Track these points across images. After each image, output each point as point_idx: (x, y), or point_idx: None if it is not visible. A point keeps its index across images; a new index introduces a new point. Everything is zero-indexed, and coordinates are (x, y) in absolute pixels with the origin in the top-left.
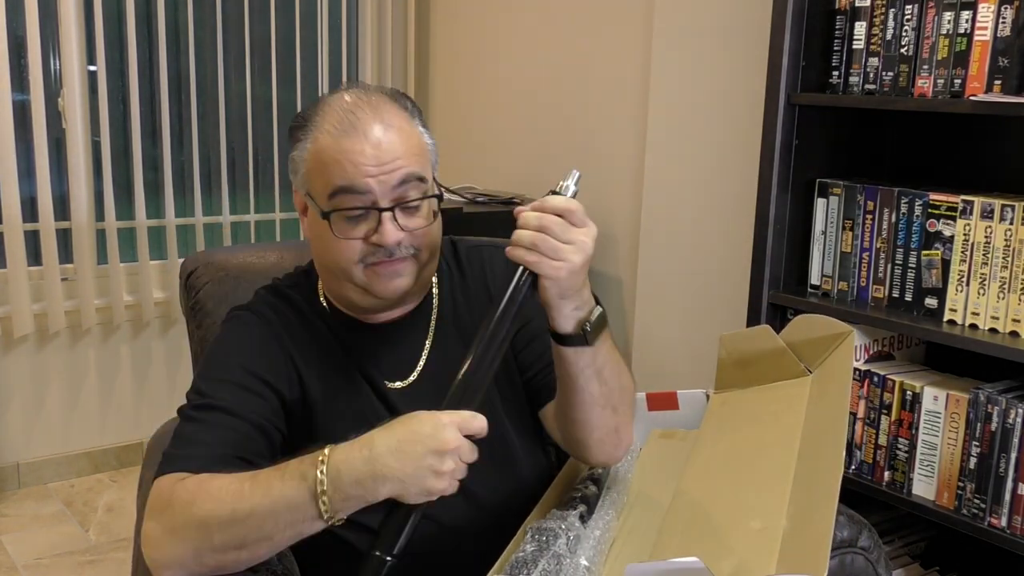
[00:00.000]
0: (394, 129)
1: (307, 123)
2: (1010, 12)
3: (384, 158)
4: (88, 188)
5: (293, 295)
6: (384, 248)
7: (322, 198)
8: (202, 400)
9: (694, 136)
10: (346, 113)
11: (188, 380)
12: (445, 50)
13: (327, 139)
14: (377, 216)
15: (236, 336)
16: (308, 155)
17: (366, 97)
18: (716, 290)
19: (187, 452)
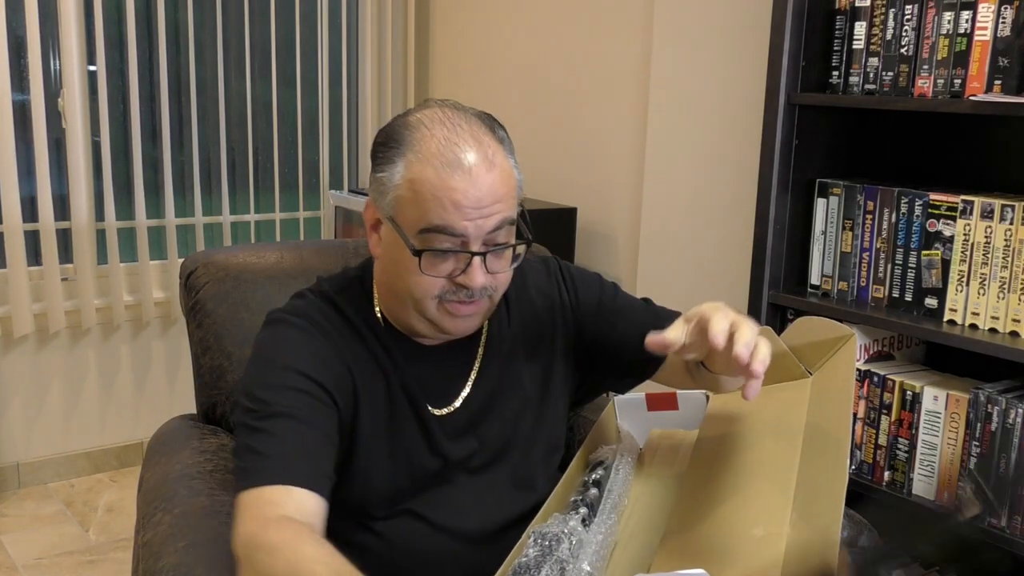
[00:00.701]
0: (496, 169)
1: (399, 143)
2: (1010, 12)
3: (485, 201)
4: (88, 188)
5: (344, 304)
6: (466, 290)
7: (411, 230)
8: (267, 409)
9: (694, 136)
10: (449, 144)
11: (188, 380)
12: (445, 50)
13: (429, 172)
14: (467, 258)
15: (291, 341)
16: (402, 181)
17: (466, 125)
18: (716, 290)
19: (268, 465)
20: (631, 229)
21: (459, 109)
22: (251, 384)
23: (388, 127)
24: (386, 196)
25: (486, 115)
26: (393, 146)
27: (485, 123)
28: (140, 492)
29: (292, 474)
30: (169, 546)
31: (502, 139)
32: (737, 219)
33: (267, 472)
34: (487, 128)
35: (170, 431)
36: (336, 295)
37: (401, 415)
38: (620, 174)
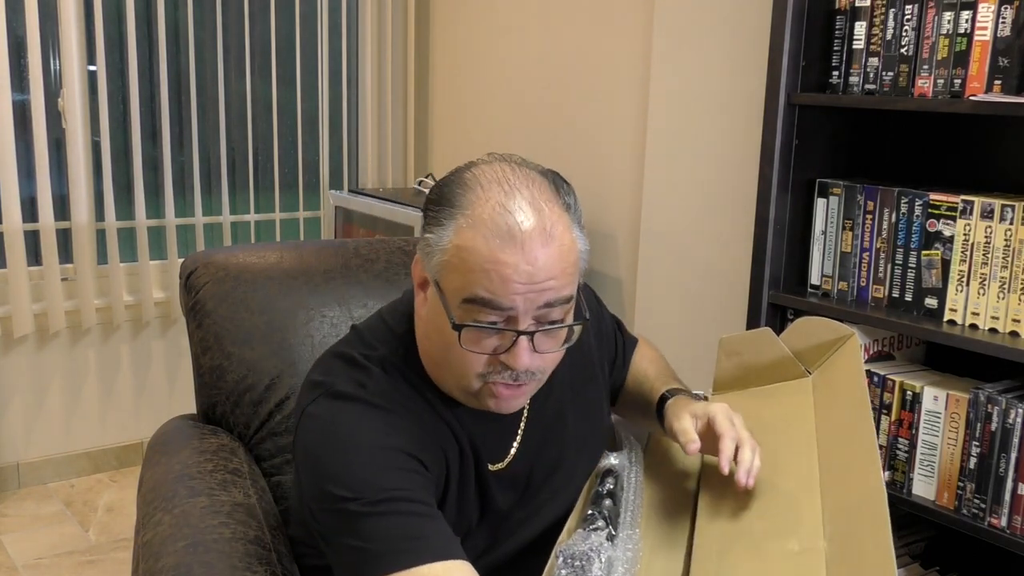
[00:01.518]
0: (555, 243)
1: (452, 204)
2: (1010, 12)
3: (538, 277)
4: (88, 188)
5: (408, 372)
6: (511, 371)
7: (455, 298)
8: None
9: (694, 136)
10: (503, 212)
11: (188, 380)
12: (445, 50)
13: (479, 241)
14: (512, 336)
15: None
16: (449, 246)
17: (527, 190)
18: (716, 290)
19: (415, 545)
20: (631, 229)
21: (523, 167)
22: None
23: (442, 182)
24: (433, 258)
25: (553, 174)
26: (445, 206)
27: (551, 185)
28: (140, 492)
29: (446, 549)
30: (169, 546)
31: (568, 206)
32: (737, 219)
33: (420, 551)
34: (551, 192)
35: (170, 431)
36: (396, 360)
37: (467, 475)
38: (620, 174)
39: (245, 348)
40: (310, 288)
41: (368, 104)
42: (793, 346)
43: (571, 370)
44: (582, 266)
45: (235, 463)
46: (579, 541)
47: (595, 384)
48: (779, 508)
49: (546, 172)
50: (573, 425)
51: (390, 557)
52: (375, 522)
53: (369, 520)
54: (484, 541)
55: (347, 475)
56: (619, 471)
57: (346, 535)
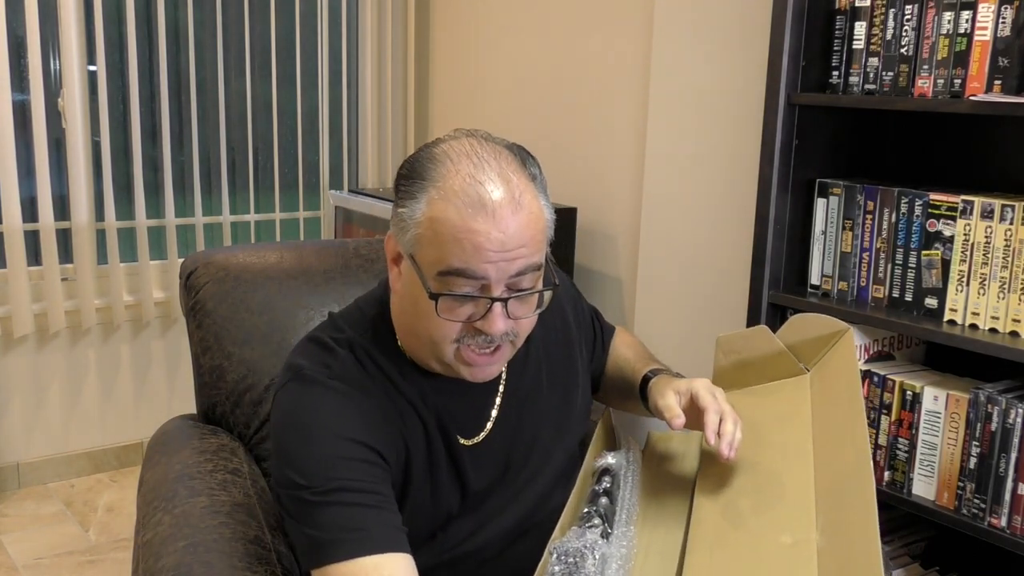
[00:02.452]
0: (523, 211)
1: (422, 178)
2: (1010, 12)
3: (509, 245)
4: (88, 188)
5: (374, 351)
6: (485, 335)
7: (430, 270)
8: (328, 484)
9: (694, 136)
10: (473, 183)
11: (188, 380)
12: (445, 50)
13: (451, 212)
14: (487, 303)
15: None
16: (423, 219)
17: (494, 161)
18: (716, 290)
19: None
20: (631, 229)
21: (489, 141)
22: (297, 459)
23: (412, 158)
24: (407, 233)
25: (518, 147)
26: (416, 180)
27: (516, 158)
28: (140, 492)
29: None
30: (169, 546)
31: (534, 176)
32: (737, 219)
33: (359, 543)
34: (518, 163)
35: (170, 431)
36: (364, 342)
37: (437, 452)
38: (620, 174)
39: (245, 348)
40: (310, 288)
41: (368, 104)
42: (789, 342)
43: (548, 347)
44: (549, 235)
45: (235, 463)
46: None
47: (573, 366)
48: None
49: (511, 145)
50: (549, 403)
51: (331, 548)
52: (322, 511)
53: (317, 509)
54: (468, 525)
55: (303, 462)
56: (616, 470)
57: (300, 521)
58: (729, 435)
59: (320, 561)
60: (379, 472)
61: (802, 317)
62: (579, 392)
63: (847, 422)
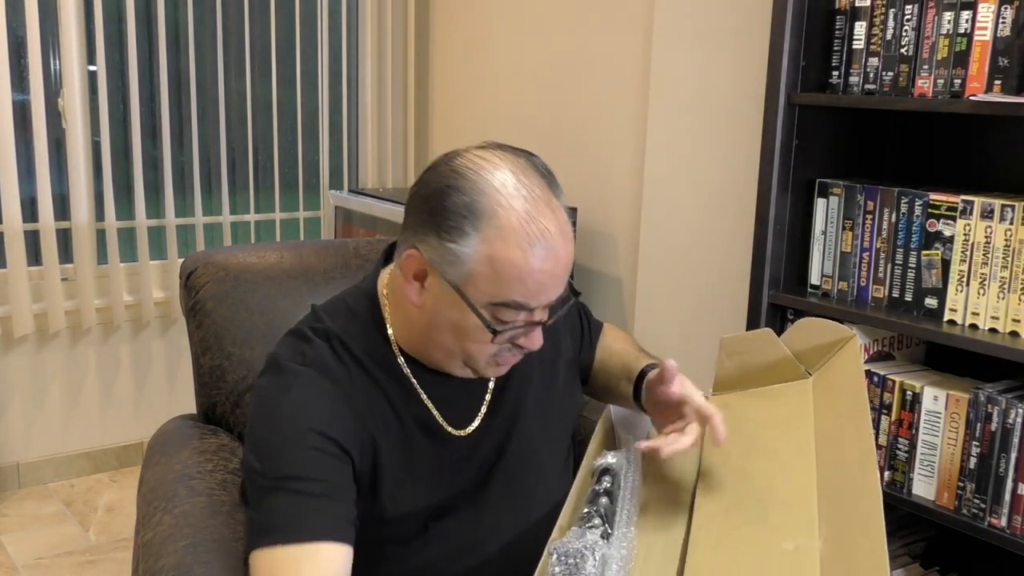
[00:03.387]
0: (570, 241)
1: (474, 215)
2: (1010, 12)
3: (561, 279)
4: (88, 188)
5: (353, 343)
6: (521, 349)
7: (482, 300)
8: (281, 470)
9: (694, 136)
10: (531, 220)
11: (188, 380)
12: (445, 50)
13: (515, 254)
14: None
15: (300, 396)
16: (480, 257)
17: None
18: (716, 290)
19: (290, 523)
20: (631, 229)
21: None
22: (259, 444)
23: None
24: (457, 267)
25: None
26: (466, 216)
27: (546, 178)
28: (140, 492)
29: (317, 530)
30: (169, 546)
31: (559, 193)
32: (737, 219)
33: (292, 530)
34: (549, 185)
35: (170, 431)
36: (343, 334)
37: (420, 442)
38: (620, 174)
39: (245, 348)
40: (310, 288)
41: (368, 104)
42: (794, 347)
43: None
44: None
45: (235, 463)
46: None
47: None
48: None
49: (537, 163)
50: (539, 394)
51: (265, 533)
52: (269, 497)
53: (266, 495)
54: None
55: (262, 448)
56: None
57: (249, 505)
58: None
59: (253, 545)
60: (333, 462)
61: (808, 321)
62: (567, 383)
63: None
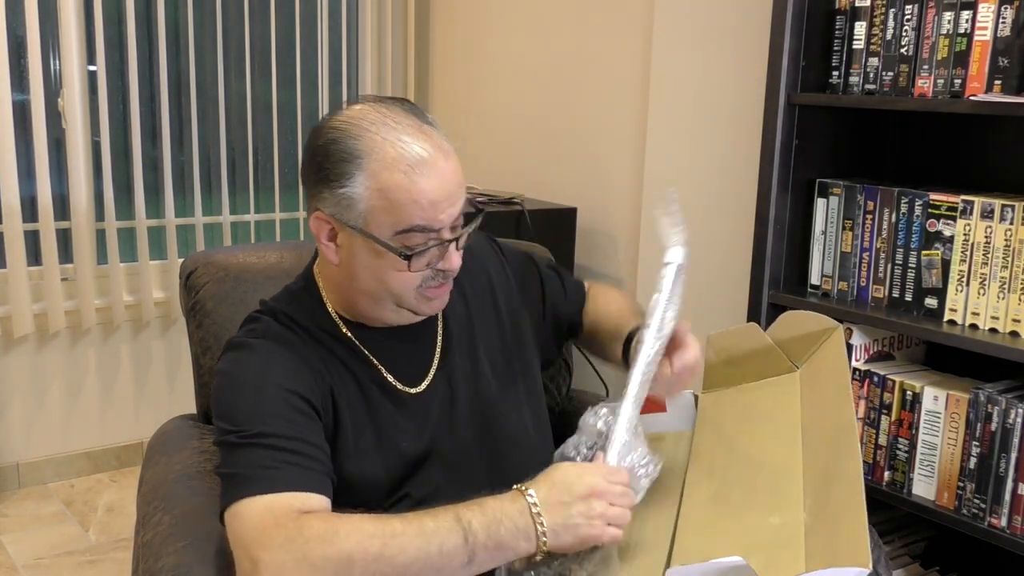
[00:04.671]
0: (451, 156)
1: (351, 156)
2: (1010, 12)
3: (453, 193)
4: (88, 188)
5: (296, 314)
6: (443, 273)
7: (386, 232)
8: (253, 428)
9: (694, 136)
10: (405, 145)
11: (188, 380)
12: (445, 50)
13: (399, 177)
14: (445, 246)
15: (260, 361)
16: (368, 192)
17: (404, 119)
18: (716, 290)
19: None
20: (631, 229)
21: (383, 102)
22: (228, 409)
23: (329, 143)
24: (355, 210)
25: (407, 102)
26: (343, 161)
27: (414, 112)
28: (140, 492)
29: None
30: (169, 546)
31: (433, 122)
32: (737, 219)
33: (267, 481)
34: (418, 116)
35: (170, 431)
36: (286, 309)
37: (377, 403)
38: (620, 174)
39: None
40: None
41: None
42: (779, 340)
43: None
44: None
45: None
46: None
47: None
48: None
49: (400, 101)
50: (490, 349)
51: (245, 484)
52: (242, 452)
53: (238, 450)
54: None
55: (231, 411)
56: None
57: (222, 464)
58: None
59: (229, 499)
60: (301, 418)
61: (792, 314)
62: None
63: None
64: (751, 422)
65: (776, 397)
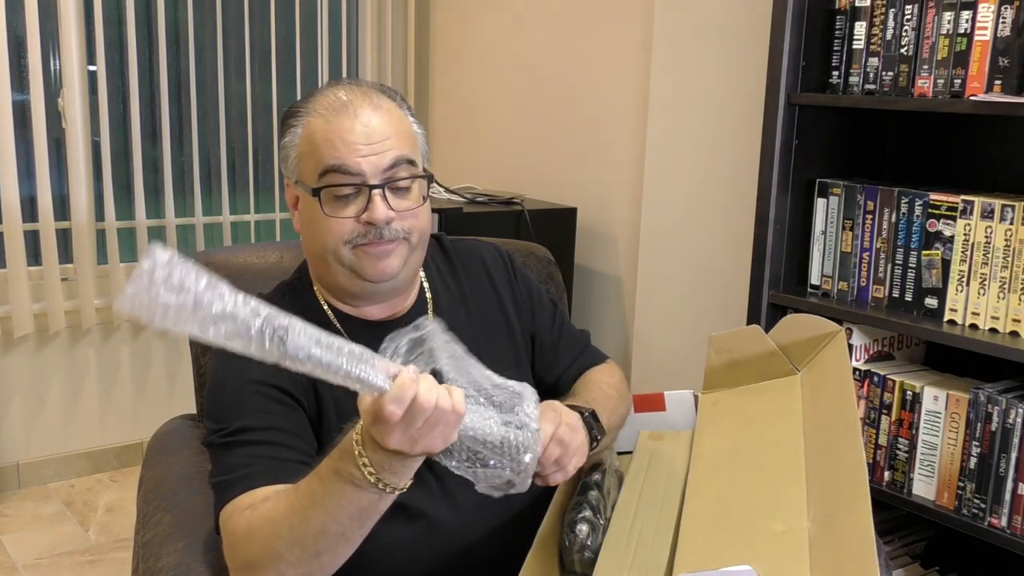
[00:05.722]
0: (383, 111)
1: (298, 111)
2: (1010, 12)
3: (374, 138)
4: (88, 188)
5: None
6: (374, 227)
7: (312, 178)
8: (235, 424)
9: (694, 136)
10: (336, 98)
11: (188, 380)
12: (445, 50)
13: (318, 121)
14: (367, 195)
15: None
16: (299, 140)
17: (357, 86)
18: (716, 290)
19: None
20: (631, 229)
21: (358, 80)
22: (211, 407)
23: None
24: (289, 160)
25: (384, 85)
26: (290, 117)
27: (378, 87)
28: (140, 492)
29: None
30: (169, 546)
31: (393, 96)
32: (737, 219)
33: (247, 480)
34: (378, 89)
35: (170, 431)
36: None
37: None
38: (620, 174)
39: None
40: None
41: None
42: (781, 343)
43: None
44: (422, 147)
45: None
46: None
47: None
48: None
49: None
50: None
51: (227, 490)
52: (225, 455)
53: (219, 453)
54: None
55: (214, 409)
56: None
57: (210, 472)
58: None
59: (216, 510)
60: (280, 408)
61: (794, 318)
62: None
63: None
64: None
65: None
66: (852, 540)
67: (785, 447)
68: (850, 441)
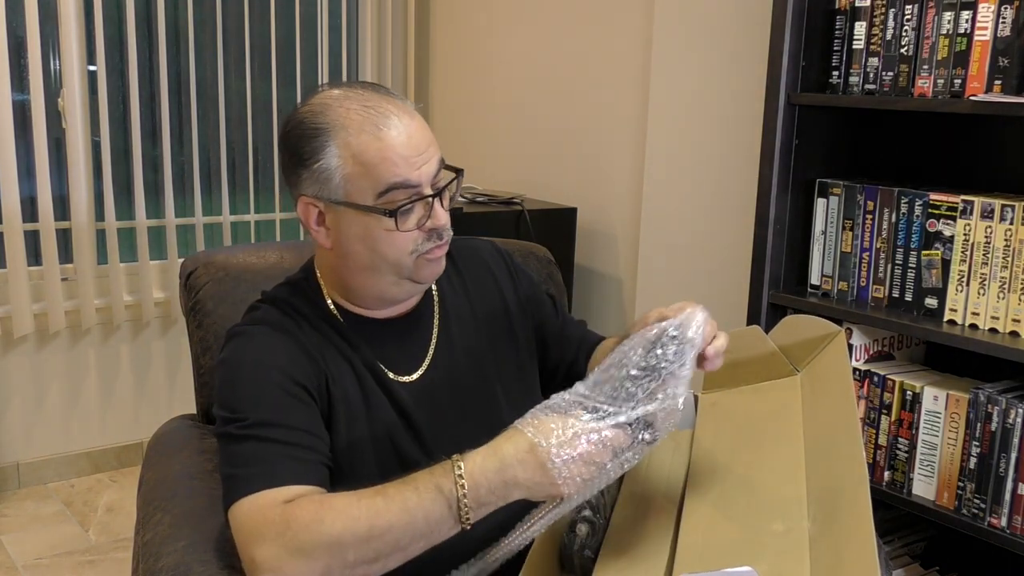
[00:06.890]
0: (416, 116)
1: (319, 132)
2: (1010, 12)
3: (421, 147)
4: (88, 188)
5: (297, 303)
6: (436, 232)
7: (367, 197)
8: (251, 416)
9: (694, 136)
10: (369, 110)
11: (188, 380)
12: (445, 50)
13: (367, 139)
14: (427, 203)
15: (258, 347)
16: (342, 161)
17: (367, 92)
18: (716, 290)
19: (262, 470)
20: (631, 229)
21: (344, 83)
22: (227, 397)
23: (296, 126)
24: (334, 182)
25: (370, 83)
26: (315, 136)
27: (375, 87)
28: (140, 492)
29: (288, 475)
30: (169, 546)
31: (399, 98)
32: (737, 219)
33: (264, 477)
34: (384, 91)
35: (170, 431)
36: (287, 298)
37: (369, 389)
38: (620, 174)
39: None
40: None
41: None
42: (782, 343)
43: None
44: None
45: None
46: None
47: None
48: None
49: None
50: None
51: (244, 483)
52: (239, 447)
53: (235, 445)
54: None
55: (230, 399)
56: None
57: (222, 462)
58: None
59: (229, 500)
60: (297, 403)
61: (794, 318)
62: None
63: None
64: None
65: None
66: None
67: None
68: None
